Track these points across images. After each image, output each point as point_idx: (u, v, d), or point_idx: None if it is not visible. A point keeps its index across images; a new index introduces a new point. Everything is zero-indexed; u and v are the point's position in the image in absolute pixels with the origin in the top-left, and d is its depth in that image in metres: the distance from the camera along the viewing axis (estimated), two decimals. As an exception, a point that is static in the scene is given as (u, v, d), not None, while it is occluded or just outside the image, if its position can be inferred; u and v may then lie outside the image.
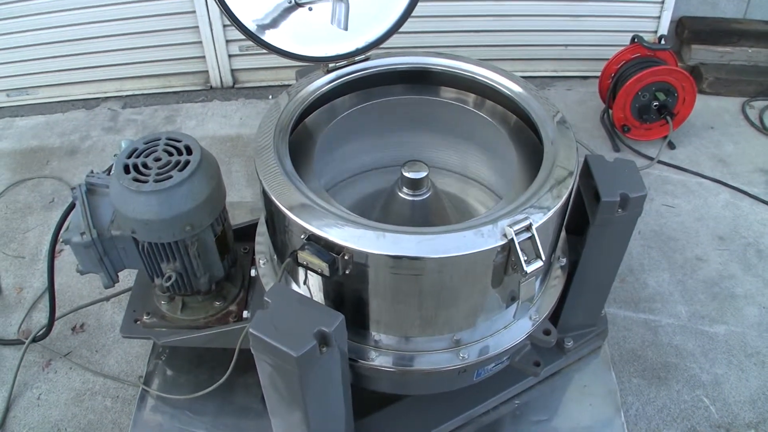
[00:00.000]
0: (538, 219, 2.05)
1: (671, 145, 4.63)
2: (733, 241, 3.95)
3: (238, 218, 3.14)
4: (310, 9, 2.53)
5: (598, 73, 4.82)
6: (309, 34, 2.55)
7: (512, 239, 1.98)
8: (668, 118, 4.52)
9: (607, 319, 3.11)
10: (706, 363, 3.30)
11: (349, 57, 2.64)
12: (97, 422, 3.11)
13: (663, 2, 5.00)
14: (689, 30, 5.30)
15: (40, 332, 3.29)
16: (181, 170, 2.41)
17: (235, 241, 2.89)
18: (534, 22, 5.07)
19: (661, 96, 4.45)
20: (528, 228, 2.01)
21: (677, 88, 4.44)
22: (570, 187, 2.18)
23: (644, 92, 4.45)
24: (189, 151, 2.48)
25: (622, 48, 4.66)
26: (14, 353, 3.37)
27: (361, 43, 2.64)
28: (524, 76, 2.67)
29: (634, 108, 4.51)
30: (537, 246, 2.02)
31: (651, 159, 4.52)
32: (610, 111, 4.66)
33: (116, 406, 3.16)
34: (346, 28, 2.49)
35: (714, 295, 3.63)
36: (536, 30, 5.13)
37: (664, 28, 5.09)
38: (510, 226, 1.99)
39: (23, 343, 3.33)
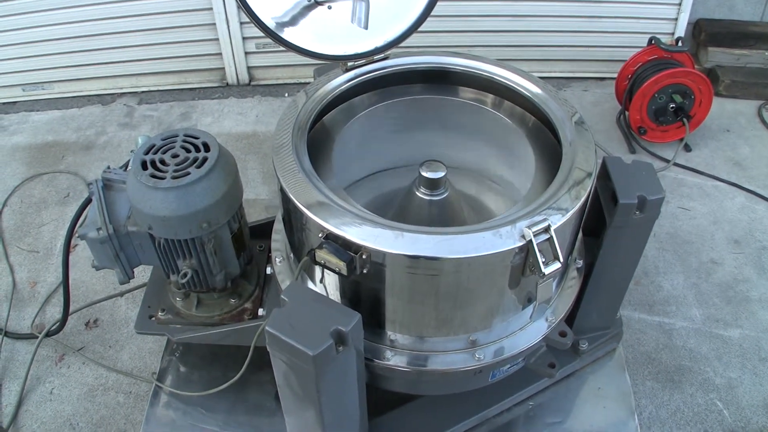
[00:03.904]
0: (556, 220, 2.04)
1: (687, 148, 4.62)
2: (748, 244, 3.94)
3: (253, 216, 3.14)
4: (330, 7, 2.53)
5: (615, 75, 4.80)
6: (328, 33, 2.55)
7: (530, 240, 1.97)
8: (684, 120, 4.50)
9: (622, 321, 3.10)
10: (720, 367, 3.30)
11: (368, 56, 2.64)
12: (109, 417, 3.11)
13: (680, 4, 4.98)
14: (706, 32, 5.28)
15: (54, 327, 3.30)
16: (198, 167, 2.41)
17: (251, 239, 2.88)
18: (551, 22, 5.06)
19: (678, 98, 4.44)
20: (546, 229, 2.00)
21: (694, 90, 4.42)
22: (588, 189, 2.17)
23: (661, 94, 4.44)
24: (207, 148, 2.48)
25: (639, 50, 4.65)
26: (27, 347, 3.38)
27: (380, 42, 2.63)
28: (540, 77, 2.67)
29: (650, 110, 4.50)
30: (555, 247, 2.01)
31: (667, 161, 4.50)
32: (627, 113, 4.65)
33: (129, 402, 3.17)
34: (366, 27, 2.49)
35: (728, 298, 3.62)
36: (553, 31, 5.12)
37: (681, 30, 5.07)
38: (528, 227, 1.99)
39: (36, 337, 3.34)
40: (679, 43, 4.60)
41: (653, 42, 4.59)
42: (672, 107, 4.48)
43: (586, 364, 3.01)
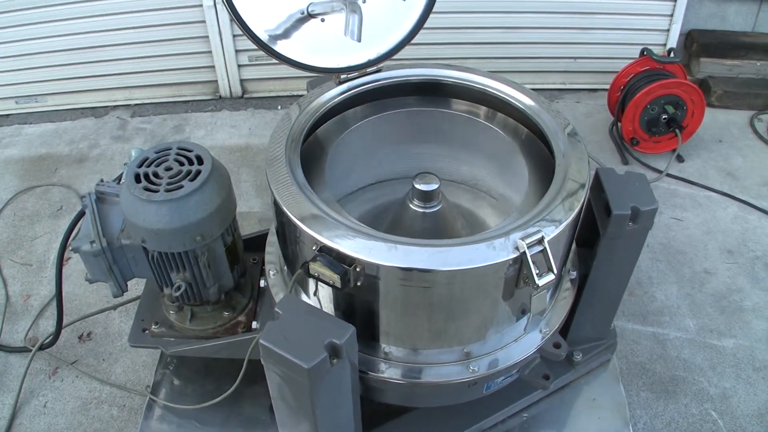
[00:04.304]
0: (550, 232, 2.04)
1: (680, 159, 4.63)
2: (741, 254, 3.95)
3: (246, 228, 3.13)
4: (323, 20, 2.53)
5: (607, 86, 4.82)
6: (321, 45, 2.55)
7: (524, 252, 1.97)
8: (677, 131, 4.51)
9: (616, 332, 3.10)
10: (714, 377, 3.30)
11: (361, 68, 2.64)
12: (103, 431, 3.11)
13: (672, 15, 5.00)
14: (698, 43, 5.30)
15: (47, 340, 3.29)
16: (192, 180, 2.41)
17: (244, 252, 2.88)
18: (543, 34, 5.08)
19: (670, 109, 4.45)
20: (540, 241, 2.00)
21: (686, 101, 4.43)
22: (582, 200, 2.17)
23: (653, 105, 4.45)
24: (200, 161, 2.48)
25: (632, 61, 4.67)
26: (21, 361, 3.37)
27: (373, 55, 2.64)
28: (533, 89, 2.67)
29: (643, 121, 4.51)
30: (549, 259, 2.01)
31: (660, 172, 4.51)
32: (619, 124, 4.66)
33: (123, 415, 3.16)
34: (359, 40, 2.48)
35: (722, 308, 3.63)
36: (545, 42, 5.13)
37: (673, 42, 5.09)
38: (522, 239, 1.98)
39: (30, 350, 3.33)
40: (671, 54, 4.62)
41: (645, 53, 4.60)
42: (664, 118, 4.49)
43: (580, 375, 3.00)
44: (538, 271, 1.99)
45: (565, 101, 5.27)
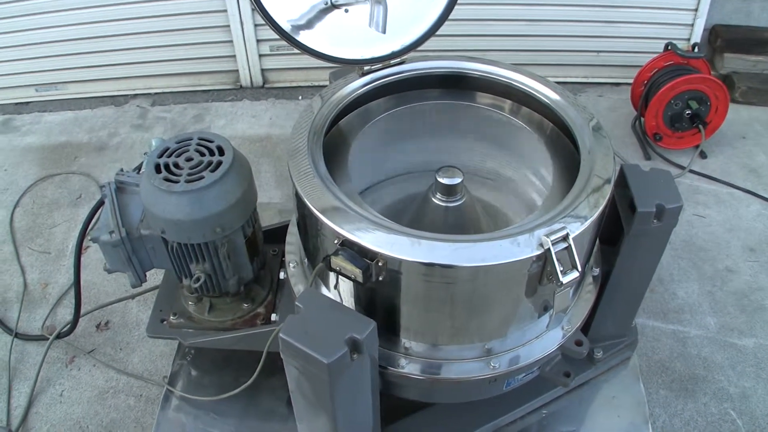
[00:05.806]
0: (575, 229, 2.01)
1: (703, 155, 4.59)
2: (764, 252, 3.91)
3: (266, 219, 3.12)
4: (346, 11, 2.51)
5: (631, 80, 4.79)
6: (344, 36, 2.53)
7: (549, 249, 1.95)
8: (701, 127, 4.48)
9: (637, 329, 3.07)
10: (734, 376, 3.27)
11: (385, 60, 2.62)
12: (119, 420, 3.11)
13: (696, 10, 4.96)
14: (722, 38, 5.25)
15: (65, 329, 3.29)
16: (213, 171, 2.40)
17: (264, 243, 2.87)
18: (566, 27, 5.05)
19: (694, 104, 4.41)
20: (565, 238, 1.98)
21: (710, 96, 4.40)
22: (607, 197, 2.14)
23: (677, 100, 4.42)
24: (221, 152, 2.47)
25: (655, 55, 4.63)
26: (38, 349, 3.38)
27: (397, 47, 2.62)
28: (555, 82, 2.64)
29: (666, 116, 4.48)
30: (573, 256, 1.98)
31: (682, 168, 4.48)
32: (642, 119, 4.63)
33: (139, 405, 3.16)
34: (384, 31, 2.47)
35: (743, 307, 3.59)
36: (568, 35, 5.10)
37: (697, 36, 5.05)
38: (547, 235, 1.96)
39: (47, 339, 3.33)
40: (696, 49, 4.58)
41: (669, 48, 4.57)
42: (688, 114, 4.46)
43: (600, 373, 2.99)
44: (562, 269, 1.97)
45: (588, 95, 5.24)
